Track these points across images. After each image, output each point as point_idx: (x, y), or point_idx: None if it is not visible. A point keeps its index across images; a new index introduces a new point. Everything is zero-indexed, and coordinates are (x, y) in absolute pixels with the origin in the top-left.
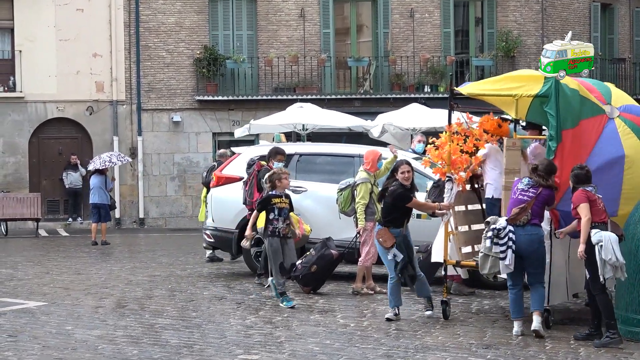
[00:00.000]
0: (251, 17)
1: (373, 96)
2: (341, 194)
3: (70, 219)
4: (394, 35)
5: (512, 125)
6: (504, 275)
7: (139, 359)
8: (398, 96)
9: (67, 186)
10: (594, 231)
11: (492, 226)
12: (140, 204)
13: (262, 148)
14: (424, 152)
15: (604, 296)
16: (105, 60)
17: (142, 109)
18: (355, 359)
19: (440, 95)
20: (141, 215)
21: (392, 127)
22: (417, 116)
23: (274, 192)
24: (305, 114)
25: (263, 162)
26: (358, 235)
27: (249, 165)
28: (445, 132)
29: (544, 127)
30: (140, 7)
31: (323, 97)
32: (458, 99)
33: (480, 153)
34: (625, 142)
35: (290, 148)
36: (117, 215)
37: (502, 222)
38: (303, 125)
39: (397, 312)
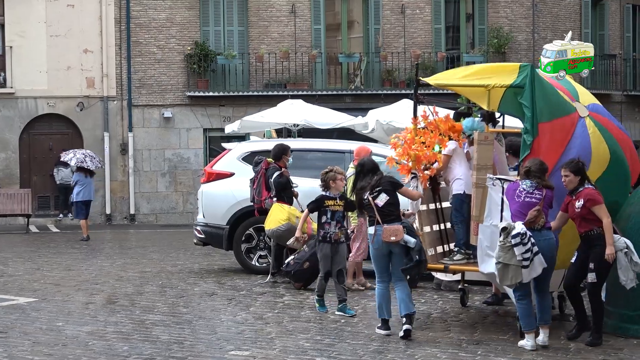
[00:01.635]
0: (242, 13)
1: (364, 92)
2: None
3: (61, 215)
4: (385, 31)
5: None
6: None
7: (130, 355)
8: (389, 92)
9: (57, 182)
10: (616, 236)
11: (515, 232)
12: (131, 200)
13: (253, 144)
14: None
15: (599, 300)
16: (96, 56)
17: (132, 104)
18: (346, 354)
19: (431, 91)
20: (132, 211)
21: (384, 123)
22: (408, 112)
23: (327, 194)
24: (296, 111)
25: (270, 160)
26: (352, 233)
27: (256, 164)
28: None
29: (498, 120)
30: (131, 3)
31: (314, 93)
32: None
33: (449, 149)
34: (595, 148)
35: (286, 144)
36: (108, 211)
37: (520, 226)
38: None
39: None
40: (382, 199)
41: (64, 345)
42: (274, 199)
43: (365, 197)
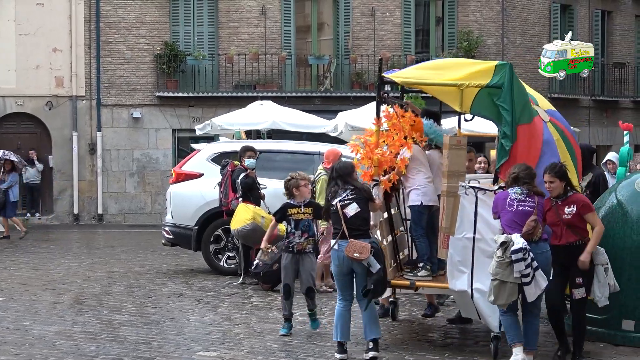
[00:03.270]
0: (212, 14)
1: (333, 94)
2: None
3: (28, 215)
4: (355, 33)
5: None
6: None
7: (97, 355)
8: (358, 95)
9: (25, 181)
10: (600, 249)
11: (516, 246)
12: (98, 200)
13: (223, 145)
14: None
15: (585, 318)
16: (65, 55)
17: (101, 104)
18: (314, 356)
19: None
20: (100, 211)
21: (349, 127)
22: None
23: (291, 201)
24: (266, 112)
25: (236, 162)
26: (322, 235)
27: (223, 166)
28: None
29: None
30: (101, 3)
31: (283, 94)
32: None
33: (406, 154)
34: (562, 155)
35: (251, 145)
36: (76, 211)
37: (521, 240)
38: None
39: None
40: (352, 209)
41: (31, 345)
42: (240, 199)
43: (334, 203)
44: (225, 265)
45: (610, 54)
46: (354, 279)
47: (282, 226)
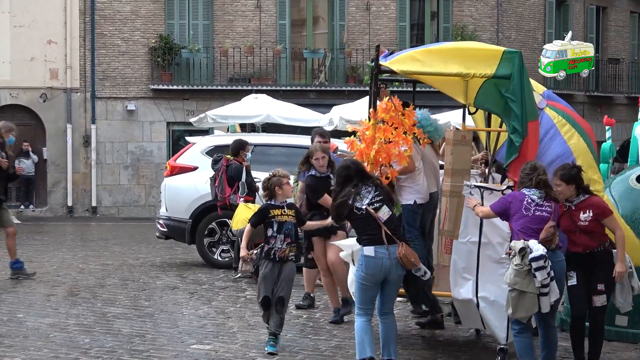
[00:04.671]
0: (207, 7)
1: (328, 88)
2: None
3: (22, 207)
4: (350, 27)
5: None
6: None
7: (91, 347)
8: (353, 89)
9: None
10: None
11: (537, 254)
12: (92, 192)
13: (217, 138)
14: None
15: (603, 328)
16: (60, 48)
17: (96, 97)
18: (308, 350)
19: (395, 89)
20: (94, 204)
21: (344, 121)
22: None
23: (272, 202)
24: (260, 106)
25: (229, 157)
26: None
27: (216, 161)
28: (369, 120)
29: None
30: None
31: (278, 88)
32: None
33: (402, 149)
34: (569, 141)
35: (244, 139)
36: (70, 204)
37: (540, 247)
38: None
39: None
40: (385, 213)
41: (25, 337)
42: (242, 198)
43: (363, 207)
44: (220, 258)
45: (605, 50)
46: (381, 292)
47: (250, 212)
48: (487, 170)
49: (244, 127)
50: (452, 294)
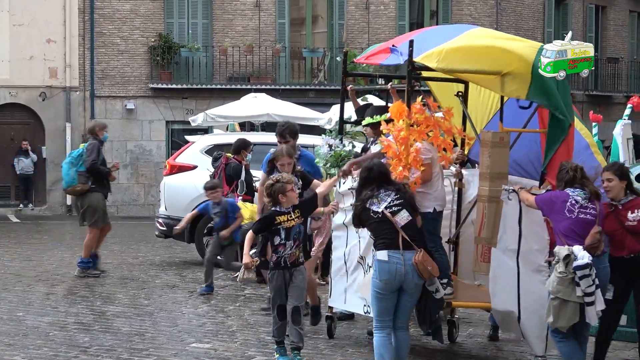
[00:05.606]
0: (207, 6)
1: (327, 87)
2: None
3: (21, 205)
4: (349, 26)
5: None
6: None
7: (90, 346)
8: (352, 88)
9: (18, 172)
10: None
11: (582, 262)
12: None
13: (216, 137)
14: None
15: None
16: (59, 46)
17: (95, 95)
18: (307, 348)
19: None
20: None
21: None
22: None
23: (277, 208)
24: (260, 105)
25: (229, 155)
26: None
27: (215, 159)
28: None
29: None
30: None
31: (277, 87)
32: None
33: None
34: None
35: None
36: (69, 202)
37: (584, 254)
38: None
39: None
40: (403, 218)
41: (25, 336)
42: (240, 197)
43: (379, 210)
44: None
45: (604, 49)
46: (397, 302)
47: (247, 211)
48: (462, 171)
49: (244, 126)
50: (492, 304)
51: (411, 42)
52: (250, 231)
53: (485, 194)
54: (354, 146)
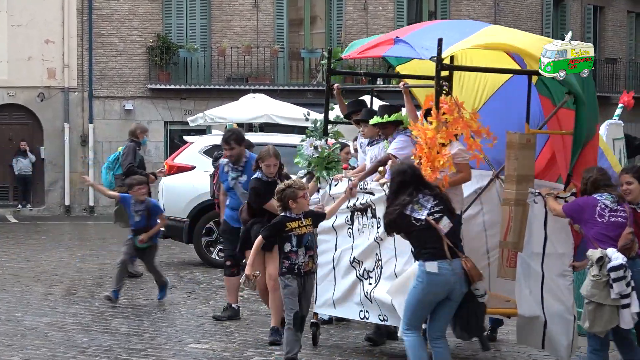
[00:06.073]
0: (205, 7)
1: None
2: None
3: (19, 206)
4: (348, 27)
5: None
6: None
7: (89, 346)
8: (350, 88)
9: (16, 172)
10: None
11: (616, 263)
12: (90, 192)
13: (215, 137)
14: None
15: None
16: (58, 47)
17: (93, 96)
18: (305, 348)
19: (392, 88)
20: (91, 203)
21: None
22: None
23: (288, 214)
24: (258, 105)
25: None
26: None
27: (216, 159)
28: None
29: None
30: None
31: (276, 87)
32: None
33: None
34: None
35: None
36: (67, 203)
37: (618, 255)
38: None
39: None
40: (445, 225)
41: (23, 336)
42: None
43: (423, 217)
44: (217, 258)
45: (602, 50)
46: (437, 311)
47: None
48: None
49: (242, 127)
50: (519, 311)
51: (439, 40)
52: (260, 237)
53: (512, 197)
54: (340, 148)
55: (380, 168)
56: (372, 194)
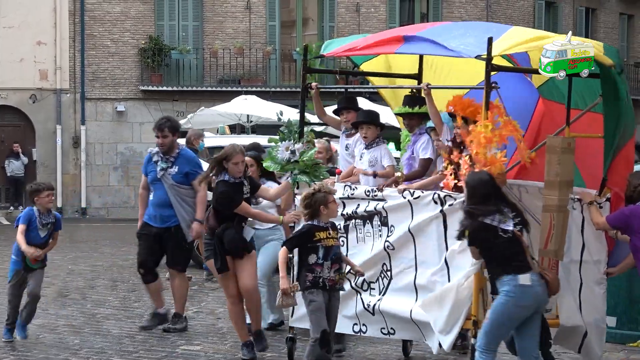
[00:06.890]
0: (197, 8)
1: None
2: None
3: (11, 208)
4: (340, 29)
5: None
6: None
7: (81, 348)
8: (342, 90)
9: (8, 174)
10: None
11: None
12: (82, 194)
13: (206, 140)
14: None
15: None
16: (50, 49)
17: (86, 98)
18: (297, 351)
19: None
20: (83, 205)
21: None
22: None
23: (316, 222)
24: (250, 106)
25: None
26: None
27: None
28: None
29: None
30: None
31: (268, 89)
32: None
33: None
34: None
35: (232, 140)
36: (59, 205)
37: None
38: (248, 116)
39: None
40: (525, 237)
41: (15, 338)
42: None
43: (510, 229)
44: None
45: None
46: (524, 330)
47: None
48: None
49: (234, 129)
50: (560, 320)
51: (489, 39)
52: (283, 248)
53: (554, 204)
54: (315, 150)
55: (397, 174)
56: (383, 200)
